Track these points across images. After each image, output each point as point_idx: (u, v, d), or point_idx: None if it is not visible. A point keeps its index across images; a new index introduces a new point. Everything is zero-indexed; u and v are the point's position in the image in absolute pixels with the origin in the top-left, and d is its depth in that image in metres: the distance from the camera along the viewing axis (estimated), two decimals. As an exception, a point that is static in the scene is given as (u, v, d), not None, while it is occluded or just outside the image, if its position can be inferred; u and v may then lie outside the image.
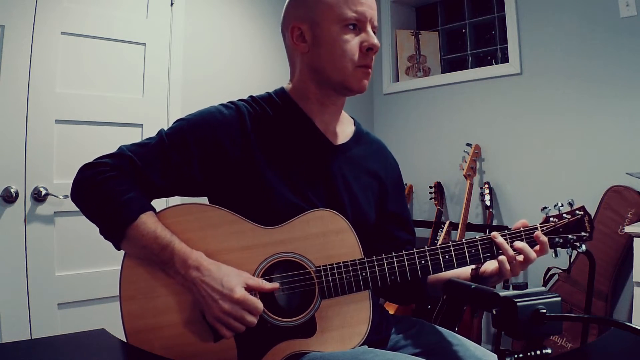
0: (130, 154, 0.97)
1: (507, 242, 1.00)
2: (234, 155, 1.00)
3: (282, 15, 1.08)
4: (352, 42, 1.00)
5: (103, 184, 0.94)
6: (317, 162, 1.06)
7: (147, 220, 0.93)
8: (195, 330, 0.93)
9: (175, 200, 1.03)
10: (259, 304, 0.91)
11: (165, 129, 1.02)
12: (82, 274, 2.13)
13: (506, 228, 2.69)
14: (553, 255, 1.05)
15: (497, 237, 1.00)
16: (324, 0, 1.00)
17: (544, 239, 1.00)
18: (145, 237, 0.91)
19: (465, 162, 2.69)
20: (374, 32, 1.03)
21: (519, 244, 0.99)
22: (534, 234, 1.01)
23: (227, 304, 0.89)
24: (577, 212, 1.06)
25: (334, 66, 1.01)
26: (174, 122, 1.04)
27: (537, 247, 1.00)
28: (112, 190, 0.94)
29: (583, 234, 1.05)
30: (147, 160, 0.97)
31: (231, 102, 1.07)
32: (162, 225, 0.94)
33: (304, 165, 1.05)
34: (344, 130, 1.13)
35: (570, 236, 1.04)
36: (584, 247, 1.05)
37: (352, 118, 1.19)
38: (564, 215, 1.05)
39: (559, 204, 1.05)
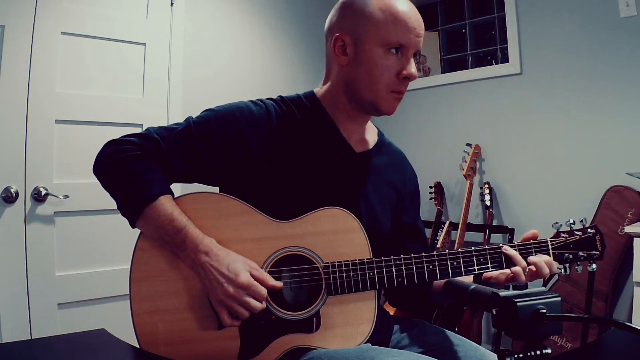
0: (157, 136, 1.00)
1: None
2: (256, 152, 1.01)
3: (328, 19, 1.08)
4: (391, 68, 1.00)
5: (128, 161, 0.96)
6: (337, 168, 1.07)
7: (165, 202, 0.95)
8: (201, 317, 0.94)
9: (189, 187, 1.05)
10: (262, 290, 0.92)
11: (194, 117, 1.04)
12: (82, 274, 2.13)
13: (506, 228, 2.69)
14: (563, 271, 1.05)
15: (508, 249, 1.01)
16: (373, 20, 0.99)
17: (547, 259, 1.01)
18: (162, 217, 0.94)
19: (465, 162, 2.69)
20: (418, 57, 1.04)
21: (533, 258, 0.99)
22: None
23: (231, 287, 0.90)
24: (589, 230, 1.05)
25: (369, 87, 1.01)
26: (203, 112, 1.06)
27: (545, 259, 1.00)
28: (135, 168, 0.96)
29: (594, 252, 1.05)
30: (172, 146, 0.99)
31: (260, 100, 1.08)
32: (179, 209, 0.96)
33: (324, 169, 1.06)
34: (367, 139, 1.14)
35: (580, 253, 1.04)
36: (594, 265, 1.04)
37: (377, 128, 1.20)
38: (575, 231, 1.05)
39: (570, 221, 1.05)
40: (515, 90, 2.75)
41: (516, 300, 0.58)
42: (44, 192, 2.03)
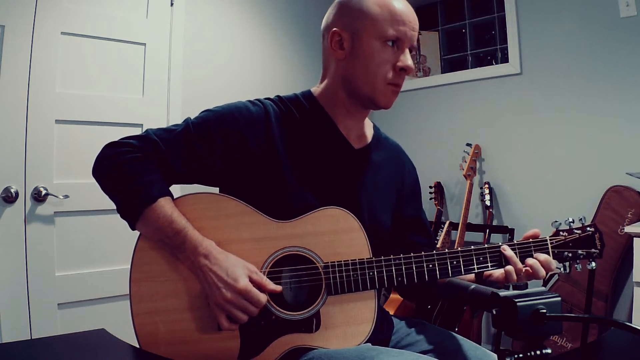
0: (156, 138, 1.00)
1: (517, 255, 1.01)
2: (256, 151, 1.02)
3: (325, 18, 1.09)
4: (388, 60, 1.01)
5: (127, 163, 0.97)
6: (337, 165, 1.08)
7: (165, 204, 0.95)
8: (201, 317, 0.95)
9: (189, 188, 1.05)
10: (261, 297, 0.92)
11: (192, 118, 1.05)
12: (82, 274, 2.13)
13: (506, 228, 2.69)
14: (562, 270, 1.05)
15: (507, 249, 1.01)
16: (369, 14, 1.01)
17: (545, 257, 1.01)
18: (161, 219, 0.94)
19: (465, 162, 2.69)
20: (413, 51, 1.05)
21: (530, 260, 1.00)
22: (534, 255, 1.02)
23: (229, 292, 0.90)
24: (588, 228, 1.05)
25: (366, 80, 1.02)
26: (201, 112, 1.06)
27: (542, 259, 1.01)
28: (135, 170, 0.96)
29: (593, 250, 1.05)
30: (171, 147, 1.00)
31: (258, 100, 1.09)
32: (178, 211, 0.96)
33: (324, 167, 1.06)
34: (365, 135, 1.15)
35: (580, 251, 1.04)
36: (593, 264, 1.05)
37: (372, 122, 1.21)
38: (575, 230, 1.05)
39: (570, 219, 1.05)
40: (515, 90, 2.75)
41: (516, 300, 0.58)
42: (44, 192, 2.03)
